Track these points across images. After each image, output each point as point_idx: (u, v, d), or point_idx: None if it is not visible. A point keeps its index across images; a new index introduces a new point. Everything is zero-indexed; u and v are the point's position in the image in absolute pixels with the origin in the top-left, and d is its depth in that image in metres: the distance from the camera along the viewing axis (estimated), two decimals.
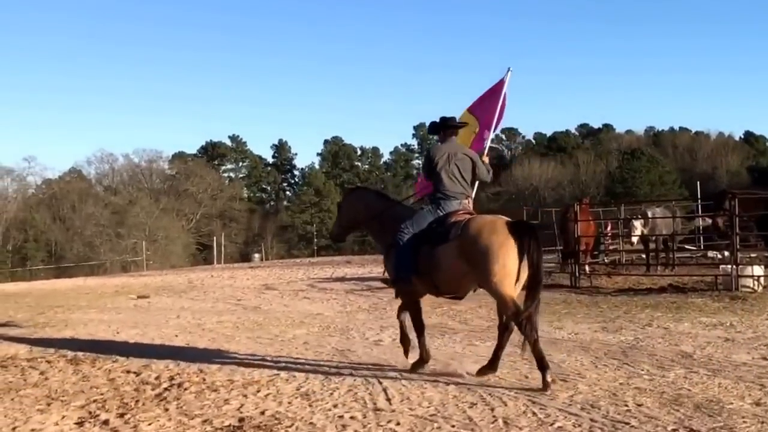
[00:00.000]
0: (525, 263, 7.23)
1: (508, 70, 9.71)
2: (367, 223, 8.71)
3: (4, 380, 8.04)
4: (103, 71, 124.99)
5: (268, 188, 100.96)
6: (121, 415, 6.48)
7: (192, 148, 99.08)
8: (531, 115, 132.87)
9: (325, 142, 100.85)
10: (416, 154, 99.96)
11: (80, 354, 9.48)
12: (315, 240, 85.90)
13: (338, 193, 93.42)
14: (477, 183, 8.49)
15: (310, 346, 9.88)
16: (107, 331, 11.78)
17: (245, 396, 7.08)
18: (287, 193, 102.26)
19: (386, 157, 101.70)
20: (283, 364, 8.56)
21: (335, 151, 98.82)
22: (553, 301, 13.79)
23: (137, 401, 6.97)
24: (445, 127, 8.37)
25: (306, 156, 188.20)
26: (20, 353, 9.63)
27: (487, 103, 9.78)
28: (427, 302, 14.02)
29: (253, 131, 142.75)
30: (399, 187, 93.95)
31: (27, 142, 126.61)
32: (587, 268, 18.38)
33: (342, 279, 21.47)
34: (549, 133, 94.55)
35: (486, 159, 8.71)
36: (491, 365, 7.68)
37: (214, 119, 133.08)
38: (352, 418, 6.25)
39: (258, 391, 7.24)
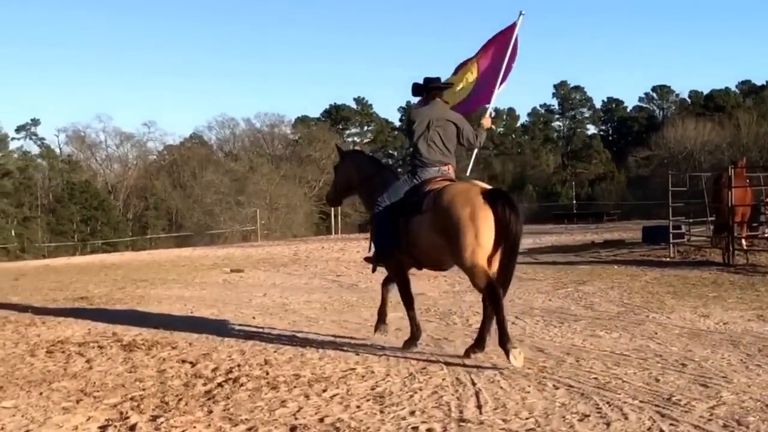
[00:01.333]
0: (501, 235, 7.14)
1: (520, 14, 9.34)
2: (358, 189, 8.81)
3: (43, 369, 7.52)
4: (223, 34, 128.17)
5: (395, 153, 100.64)
6: (154, 419, 5.76)
7: (315, 112, 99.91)
8: (685, 71, 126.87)
9: None
10: (557, 116, 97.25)
11: (139, 338, 8.94)
12: None
13: (467, 156, 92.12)
14: (474, 150, 8.66)
15: (402, 334, 9.02)
16: (182, 309, 11.30)
17: (307, 397, 6.25)
18: None
19: (523, 118, 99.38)
20: (364, 356, 7.73)
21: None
22: (700, 282, 12.41)
23: (180, 399, 6.26)
24: (428, 89, 8.25)
25: None
26: (75, 336, 9.21)
27: (493, 54, 9.44)
28: (551, 284, 12.93)
29: (380, 93, 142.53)
30: (537, 152, 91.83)
31: (147, 107, 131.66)
32: (743, 242, 16.69)
33: None
34: (706, 91, 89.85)
35: (486, 120, 8.77)
36: (478, 343, 7.67)
37: (338, 81, 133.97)
38: (428, 431, 5.29)
39: (324, 391, 6.41)
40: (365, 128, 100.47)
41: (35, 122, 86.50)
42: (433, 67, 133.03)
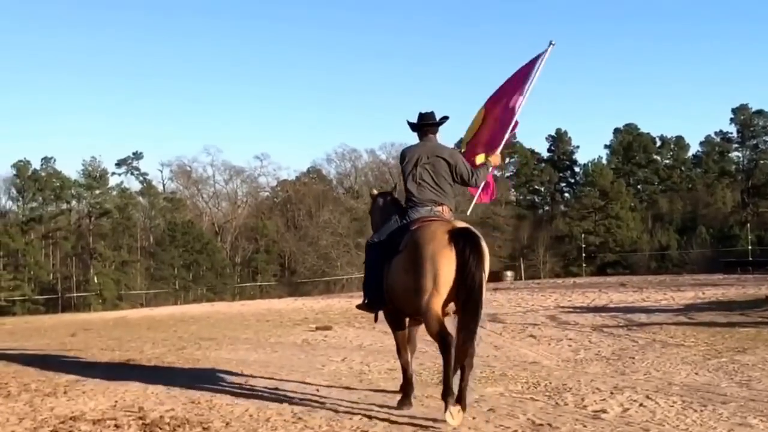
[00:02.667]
0: (460, 278, 7.44)
1: (550, 44, 10.00)
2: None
3: None
4: (343, 62, 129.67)
5: (542, 189, 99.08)
6: None
7: (449, 141, 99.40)
8: None
9: (615, 131, 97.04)
10: (735, 145, 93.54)
11: (168, 415, 8.28)
12: (599, 254, 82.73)
13: (630, 194, 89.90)
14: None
15: (495, 416, 8.04)
16: (237, 378, 10.64)
17: None
18: (565, 195, 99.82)
19: (694, 148, 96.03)
20: None
21: (628, 143, 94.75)
22: None
23: None
24: (420, 126, 8.75)
25: (590, 149, 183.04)
26: (94, 411, 8.61)
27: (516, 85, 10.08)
28: (701, 352, 11.65)
29: (525, 120, 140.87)
30: (711, 187, 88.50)
31: (259, 139, 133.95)
32: None
33: (601, 309, 19.36)
34: None
35: (495, 158, 9.37)
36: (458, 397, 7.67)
37: (468, 106, 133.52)
38: None
39: None
40: (508, 160, 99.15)
41: (137, 156, 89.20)
42: (588, 88, 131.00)
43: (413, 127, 8.87)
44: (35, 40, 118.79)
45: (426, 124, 8.76)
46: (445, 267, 7.50)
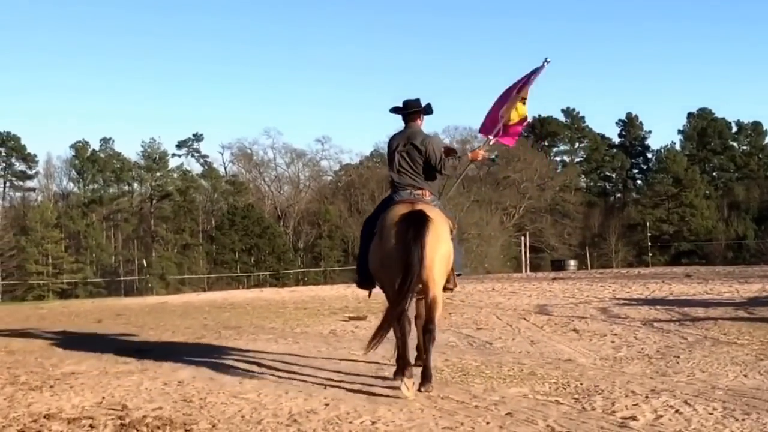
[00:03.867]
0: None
1: (545, 61, 10.73)
2: None
3: None
4: (408, 41, 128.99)
5: (613, 176, 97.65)
6: None
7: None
8: None
9: (689, 115, 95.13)
10: None
11: (153, 414, 7.79)
12: (673, 244, 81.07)
13: (704, 182, 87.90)
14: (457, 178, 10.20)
15: (512, 422, 7.36)
16: (244, 373, 10.10)
17: None
18: (637, 182, 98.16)
19: None
20: None
21: (702, 128, 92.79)
22: None
23: None
24: (405, 112, 9.43)
25: (663, 134, 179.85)
26: (73, 408, 8.15)
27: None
28: (754, 351, 10.79)
29: (593, 104, 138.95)
30: None
31: (321, 121, 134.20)
32: None
33: (658, 301, 18.52)
34: None
35: (476, 153, 10.09)
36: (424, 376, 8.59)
37: (544, 90, 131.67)
38: None
39: None
40: (576, 145, 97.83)
41: (198, 138, 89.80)
42: (661, 70, 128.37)
43: (397, 112, 9.51)
44: (95, 20, 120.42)
45: (412, 111, 9.45)
46: (391, 246, 8.45)
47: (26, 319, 20.29)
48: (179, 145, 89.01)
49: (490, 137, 10.80)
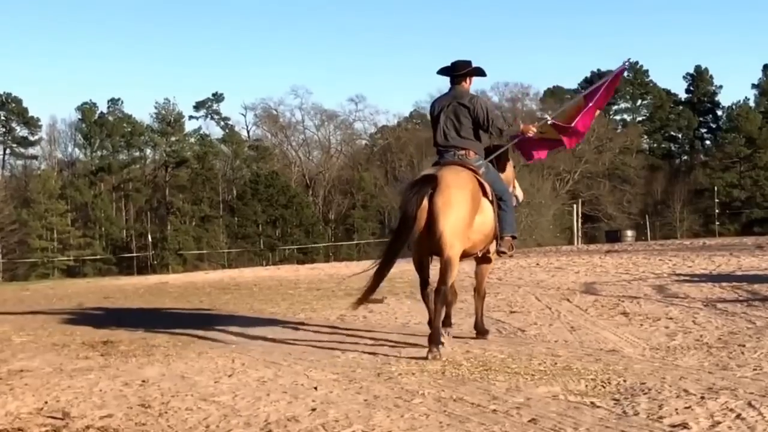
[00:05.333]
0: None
1: (627, 61, 12.47)
2: None
3: None
4: None
5: (679, 136, 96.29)
6: None
7: (571, 82, 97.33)
8: None
9: (765, 68, 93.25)
10: None
11: (99, 424, 7.18)
12: (745, 211, 79.75)
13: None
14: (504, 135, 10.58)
15: (536, 430, 6.64)
16: (221, 370, 9.49)
17: None
18: (706, 143, 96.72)
19: None
20: None
21: None
22: None
23: None
24: (454, 74, 10.22)
25: (735, 89, 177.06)
26: (6, 415, 7.53)
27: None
28: None
29: (659, 57, 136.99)
30: None
31: (355, 78, 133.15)
32: None
33: (724, 277, 17.78)
34: None
35: (527, 127, 10.85)
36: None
37: (601, 40, 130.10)
38: None
39: None
40: (639, 102, 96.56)
41: (218, 98, 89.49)
42: (733, 19, 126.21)
43: (445, 74, 10.34)
44: None
45: (455, 74, 10.21)
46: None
47: (2, 303, 19.93)
48: (197, 107, 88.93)
49: (548, 117, 11.68)
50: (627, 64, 11.85)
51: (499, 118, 10.31)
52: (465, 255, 10.15)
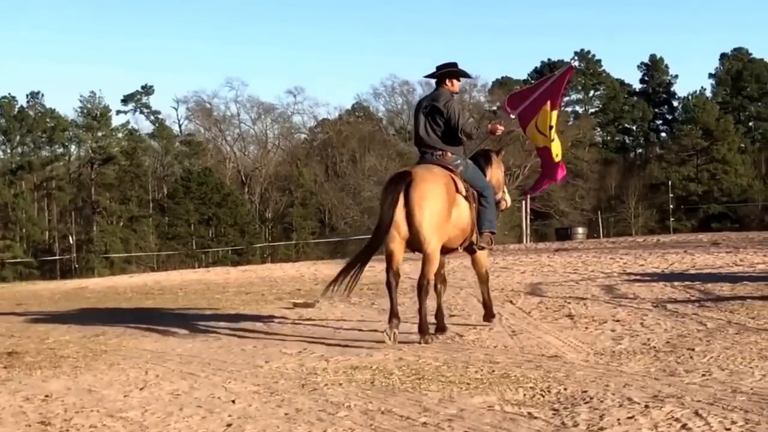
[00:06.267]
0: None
1: (570, 64, 13.76)
2: None
3: None
4: None
5: (634, 128, 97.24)
6: None
7: (521, 72, 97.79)
8: None
9: (722, 57, 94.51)
10: None
11: None
12: (702, 206, 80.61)
13: (739, 134, 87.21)
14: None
15: None
16: (133, 383, 9.26)
17: None
18: (661, 135, 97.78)
19: None
20: None
21: (737, 71, 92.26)
22: None
23: None
24: (439, 75, 11.25)
25: (691, 79, 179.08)
26: None
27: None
28: None
29: (612, 46, 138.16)
30: None
31: (293, 69, 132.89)
32: None
33: (676, 276, 17.92)
34: None
35: (495, 126, 11.58)
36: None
37: (554, 30, 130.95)
38: None
39: None
40: (591, 93, 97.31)
41: (147, 91, 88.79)
42: (687, 4, 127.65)
43: (430, 77, 11.63)
44: None
45: (442, 75, 11.23)
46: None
47: None
48: (125, 100, 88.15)
49: (512, 114, 12.59)
50: (574, 63, 12.55)
51: (468, 124, 11.45)
52: (444, 250, 11.09)
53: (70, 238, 72.31)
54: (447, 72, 11.23)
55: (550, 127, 12.25)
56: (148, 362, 10.45)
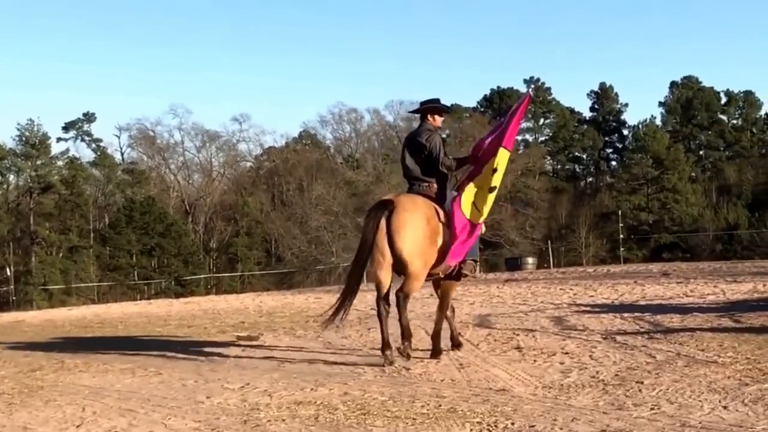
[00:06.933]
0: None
1: (530, 89, 15.48)
2: None
3: None
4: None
5: (584, 157, 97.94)
6: None
7: (470, 99, 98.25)
8: None
9: (672, 85, 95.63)
10: None
11: None
12: (653, 236, 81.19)
13: (689, 162, 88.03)
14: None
15: None
16: (65, 422, 9.14)
17: None
18: (611, 164, 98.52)
19: None
20: None
21: (687, 99, 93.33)
22: None
23: None
24: (423, 111, 12.30)
25: (641, 107, 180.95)
26: None
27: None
28: (738, 372, 10.04)
29: (562, 74, 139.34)
30: None
31: (239, 97, 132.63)
32: None
33: (626, 308, 17.95)
34: None
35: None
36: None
37: (503, 57, 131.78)
38: None
39: None
40: (541, 121, 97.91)
41: (89, 118, 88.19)
42: (637, 34, 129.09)
43: (414, 112, 13.26)
44: None
45: (426, 110, 12.28)
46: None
47: None
48: (66, 128, 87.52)
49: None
50: (531, 92, 13.29)
51: (447, 159, 12.11)
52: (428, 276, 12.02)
53: (8, 269, 71.29)
54: (429, 108, 12.26)
55: (494, 170, 12.33)
56: (85, 398, 10.33)
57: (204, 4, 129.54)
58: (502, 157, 12.32)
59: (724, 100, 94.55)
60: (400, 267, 11.37)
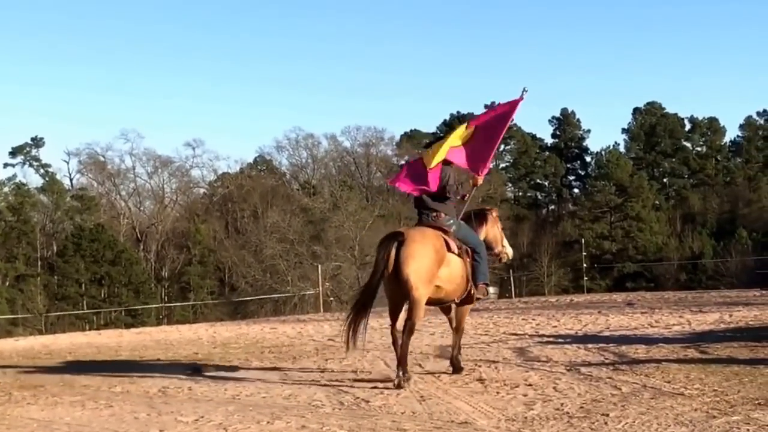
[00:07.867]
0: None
1: (524, 91, 13.76)
2: None
3: None
4: (293, 24, 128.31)
5: (546, 184, 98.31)
6: None
7: (430, 125, 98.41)
8: None
9: (635, 111, 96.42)
10: None
11: None
12: (616, 265, 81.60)
13: (653, 190, 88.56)
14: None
15: None
16: None
17: None
18: (574, 191, 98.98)
19: (732, 133, 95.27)
20: None
21: (650, 126, 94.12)
22: None
23: None
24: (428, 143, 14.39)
25: (604, 134, 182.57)
26: None
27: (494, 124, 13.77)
28: (705, 405, 10.09)
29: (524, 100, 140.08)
30: (755, 181, 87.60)
31: (191, 122, 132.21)
32: None
33: (590, 338, 17.97)
34: None
35: (477, 179, 13.51)
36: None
37: (462, 83, 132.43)
38: None
39: None
40: (502, 147, 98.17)
41: (37, 143, 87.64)
42: (601, 59, 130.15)
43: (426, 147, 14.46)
44: None
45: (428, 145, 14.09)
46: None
47: None
48: (13, 153, 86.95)
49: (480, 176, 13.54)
50: (524, 94, 13.76)
51: (453, 188, 12.94)
52: (443, 302, 13.34)
53: None
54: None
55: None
56: None
57: (155, 28, 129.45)
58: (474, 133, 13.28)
59: (688, 126, 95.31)
60: (405, 293, 12.18)
